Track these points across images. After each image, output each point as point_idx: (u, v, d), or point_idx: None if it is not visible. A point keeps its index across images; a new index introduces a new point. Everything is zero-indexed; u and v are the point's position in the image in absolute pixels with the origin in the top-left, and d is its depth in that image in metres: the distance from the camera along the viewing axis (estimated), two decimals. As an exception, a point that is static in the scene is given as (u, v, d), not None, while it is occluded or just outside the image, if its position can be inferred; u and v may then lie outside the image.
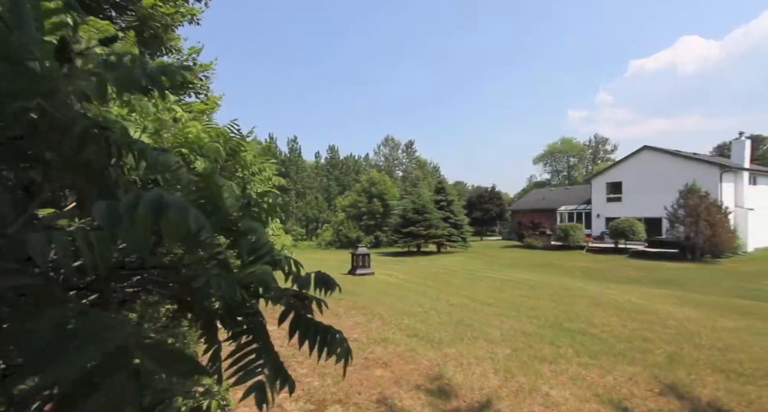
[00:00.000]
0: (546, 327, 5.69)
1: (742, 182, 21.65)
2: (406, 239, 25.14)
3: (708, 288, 11.61)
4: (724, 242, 17.30)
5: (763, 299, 9.98)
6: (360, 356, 4.04)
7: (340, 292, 1.15)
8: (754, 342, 4.87)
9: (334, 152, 70.98)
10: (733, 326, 5.74)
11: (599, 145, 59.63)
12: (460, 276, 12.23)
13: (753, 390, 3.41)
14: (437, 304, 7.49)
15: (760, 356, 4.35)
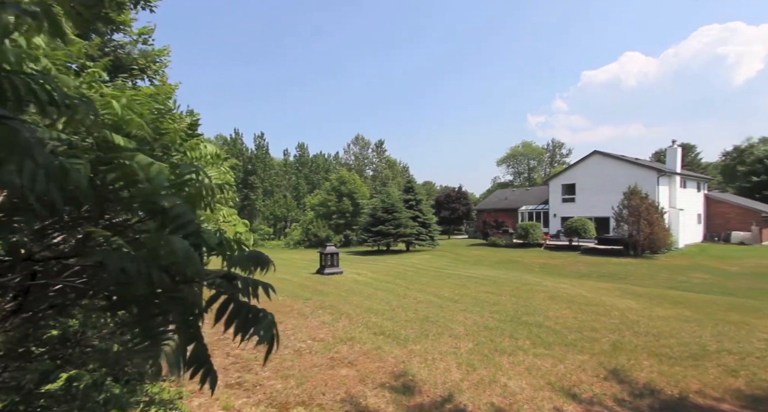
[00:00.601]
0: (506, 321, 5.98)
1: (675, 185, 24.04)
2: (376, 237, 25.24)
3: (646, 281, 12.78)
4: (661, 239, 19.07)
5: (690, 289, 11.15)
6: (325, 356, 4.02)
7: (275, 271, 1.14)
8: (681, 328, 5.44)
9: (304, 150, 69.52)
10: (666, 314, 6.38)
11: (556, 148, 63.42)
12: (427, 274, 12.49)
13: (680, 371, 3.82)
14: (404, 301, 7.61)
15: (686, 340, 4.87)
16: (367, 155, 65.34)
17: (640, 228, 18.91)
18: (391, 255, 23.15)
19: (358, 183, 43.51)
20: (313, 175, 68.52)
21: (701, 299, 7.86)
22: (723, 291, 10.82)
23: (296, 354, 4.09)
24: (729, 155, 42.38)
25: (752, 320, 6.00)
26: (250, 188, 52.04)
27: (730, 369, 3.85)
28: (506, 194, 37.71)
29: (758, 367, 3.94)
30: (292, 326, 5.36)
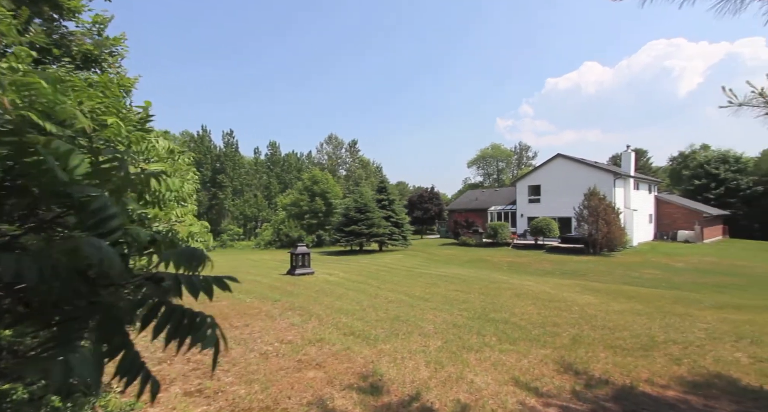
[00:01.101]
0: (474, 318, 6.11)
1: (629, 187, 25.77)
2: (349, 237, 25.06)
3: (604, 277, 13.59)
4: (617, 237, 20.37)
5: (642, 284, 11.98)
6: (293, 359, 3.90)
7: (212, 268, 1.06)
8: (634, 321, 5.81)
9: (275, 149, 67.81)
10: (620, 308, 6.80)
11: (523, 151, 66.11)
12: (399, 273, 12.55)
13: (632, 361, 4.06)
14: (376, 301, 7.59)
15: (638, 332, 5.20)
16: (340, 155, 64.80)
17: (599, 227, 20.09)
18: (363, 255, 23.07)
19: (331, 183, 43.04)
20: (285, 175, 67.05)
21: (651, 294, 8.46)
22: (670, 285, 11.73)
23: (262, 357, 3.94)
24: (675, 160, 46.08)
25: (694, 311, 6.52)
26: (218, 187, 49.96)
27: (675, 358, 4.15)
28: (476, 195, 38.76)
29: (698, 355, 4.27)
30: (260, 328, 5.17)
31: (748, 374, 3.71)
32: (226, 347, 0.92)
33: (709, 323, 5.69)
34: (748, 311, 6.54)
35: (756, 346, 4.59)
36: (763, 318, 5.97)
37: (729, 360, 4.10)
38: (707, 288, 11.38)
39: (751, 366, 3.94)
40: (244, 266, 15.34)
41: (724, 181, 37.62)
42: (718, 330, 5.27)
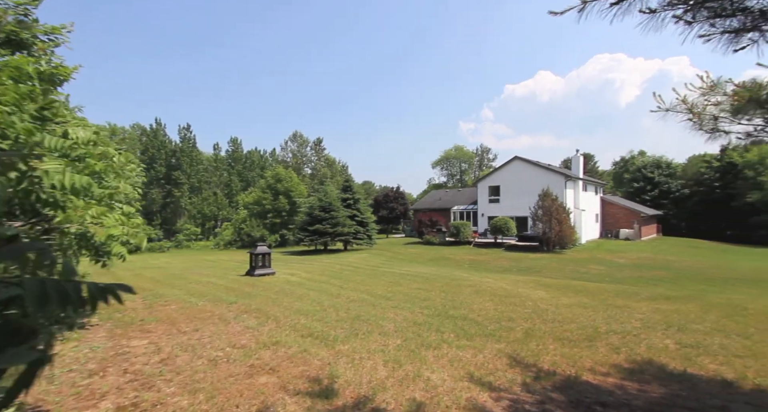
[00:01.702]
0: (434, 316, 6.19)
1: (578, 189, 27.71)
2: (313, 237, 24.56)
3: (556, 273, 14.47)
4: (568, 236, 21.83)
5: (589, 279, 12.91)
6: (244, 364, 3.68)
7: (85, 277, 0.93)
8: (580, 314, 6.20)
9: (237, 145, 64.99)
10: (569, 302, 7.24)
11: (484, 153, 68.81)
12: (362, 272, 12.48)
13: (577, 352, 4.31)
14: (337, 301, 7.45)
15: (584, 324, 5.55)
16: (305, 153, 63.38)
17: (552, 226, 21.37)
18: (328, 254, 22.72)
19: (295, 181, 41.98)
20: (247, 173, 64.56)
21: (596, 288, 9.11)
22: (613, 280, 12.75)
23: (210, 364, 3.68)
24: (618, 164, 50.29)
25: (632, 303, 7.11)
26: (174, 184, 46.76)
27: (615, 347, 4.47)
28: (440, 195, 39.67)
29: (634, 343, 4.63)
30: (211, 333, 4.85)
31: (674, 359, 4.07)
32: (50, 363, 0.77)
33: (644, 313, 6.22)
34: (676, 301, 7.25)
35: (682, 333, 5.07)
36: (688, 307, 6.63)
37: (660, 347, 4.49)
38: (644, 281, 12.51)
39: (678, 352, 4.34)
40: (199, 268, 14.45)
41: (658, 185, 41.65)
42: (651, 320, 5.77)
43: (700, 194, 38.58)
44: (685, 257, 19.63)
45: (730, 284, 11.93)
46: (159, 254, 28.90)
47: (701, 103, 2.66)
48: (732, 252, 24.29)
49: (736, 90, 2.53)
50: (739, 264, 17.18)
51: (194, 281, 10.08)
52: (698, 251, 24.18)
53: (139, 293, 8.06)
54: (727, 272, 14.22)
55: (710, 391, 3.35)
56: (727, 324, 5.45)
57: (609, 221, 31.82)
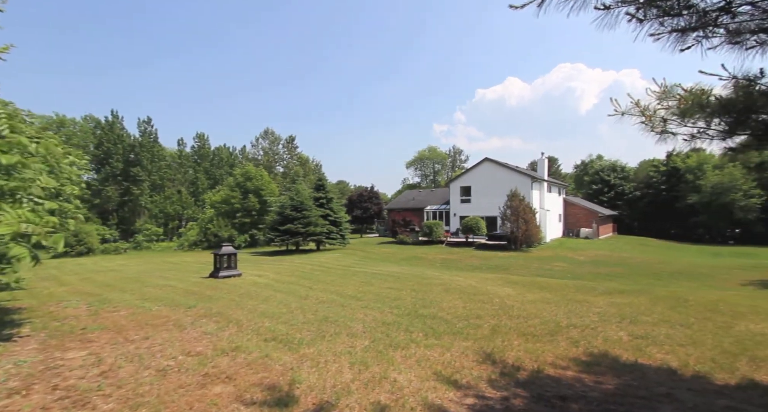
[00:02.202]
0: (404, 315, 6.17)
1: (543, 190, 28.98)
2: (284, 237, 23.93)
3: (523, 270, 15.02)
4: (534, 235, 22.75)
5: (552, 276, 13.49)
6: (198, 373, 3.44)
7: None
8: (544, 309, 6.42)
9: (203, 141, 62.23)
10: (534, 298, 7.49)
11: (456, 154, 70.39)
12: (334, 273, 12.28)
13: (540, 346, 4.43)
14: (305, 303, 7.25)
15: (547, 319, 5.74)
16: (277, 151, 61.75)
17: (519, 226, 22.17)
18: (299, 255, 22.23)
19: (266, 179, 40.78)
20: (215, 170, 62.03)
21: (559, 284, 9.51)
22: (574, 276, 13.41)
23: (159, 375, 3.40)
24: (579, 167, 53.13)
25: (590, 297, 7.47)
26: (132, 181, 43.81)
27: (574, 341, 4.64)
28: (414, 195, 40.05)
29: (592, 337, 4.84)
30: (163, 340, 4.51)
31: (627, 350, 4.29)
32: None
33: (601, 307, 6.54)
34: (628, 295, 7.71)
35: (633, 325, 5.38)
36: (639, 300, 7.06)
37: (614, 339, 4.71)
38: (601, 277, 13.28)
39: (630, 343, 4.58)
40: (159, 270, 13.59)
41: (614, 187, 44.44)
42: (607, 313, 6.08)
43: (649, 196, 41.63)
44: (637, 254, 21.08)
45: (674, 278, 12.93)
46: (114, 257, 26.94)
47: (653, 107, 2.80)
48: (675, 249, 26.42)
49: (683, 94, 2.68)
50: (681, 260, 18.69)
51: (151, 284, 9.44)
52: (648, 248, 26.07)
53: (84, 298, 7.41)
54: (671, 267, 15.41)
55: (658, 379, 3.54)
56: (671, 315, 5.85)
57: (571, 221, 33.54)
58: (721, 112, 2.50)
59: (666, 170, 40.54)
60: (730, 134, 2.62)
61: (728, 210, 31.09)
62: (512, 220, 22.57)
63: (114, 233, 38.09)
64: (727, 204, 30.83)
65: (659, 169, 41.49)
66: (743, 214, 30.29)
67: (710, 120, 2.62)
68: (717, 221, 33.59)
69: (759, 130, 2.57)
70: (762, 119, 2.75)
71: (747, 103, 2.65)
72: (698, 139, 2.72)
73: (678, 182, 38.62)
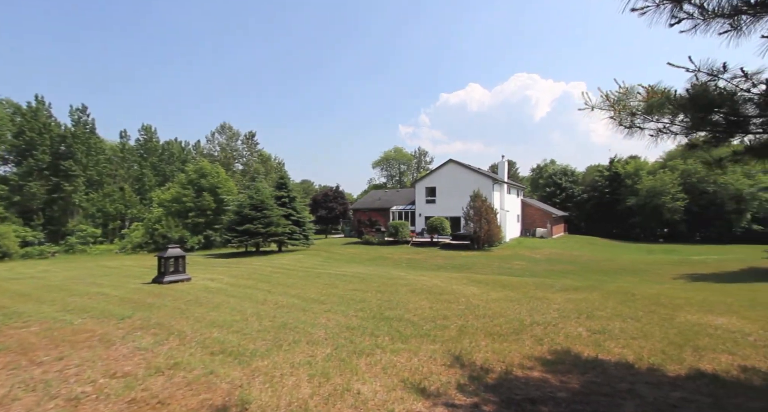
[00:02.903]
0: (369, 318, 5.88)
1: (503, 191, 30.20)
2: (242, 238, 22.63)
3: (485, 269, 15.39)
4: (495, 234, 23.55)
5: (512, 274, 13.93)
6: (121, 400, 2.88)
7: None
8: (508, 308, 6.46)
9: (150, 134, 57.63)
10: (498, 296, 7.55)
11: (422, 156, 71.56)
12: (296, 275, 11.68)
13: (506, 346, 4.36)
14: (262, 308, 6.70)
15: (511, 317, 5.75)
16: (235, 147, 58.69)
17: (482, 226, 22.82)
18: (259, 256, 21.14)
19: (222, 176, 38.54)
20: (164, 166, 57.82)
21: (519, 282, 9.75)
22: (532, 274, 13.94)
23: (69, 405, 2.79)
24: (535, 171, 56.31)
25: (549, 295, 7.68)
26: (63, 177, 39.19)
27: (538, 339, 4.63)
28: (380, 195, 39.92)
29: (554, 334, 4.87)
30: (80, 361, 3.81)
31: (587, 346, 4.35)
32: None
33: (560, 303, 6.72)
34: (583, 291, 8.05)
35: (590, 320, 5.53)
36: (592, 296, 7.38)
37: (575, 335, 4.78)
38: (556, 274, 13.94)
39: (589, 338, 4.66)
40: (91, 276, 12.10)
41: (565, 189, 47.56)
42: (566, 309, 6.23)
43: (595, 199, 45.10)
44: (586, 252, 22.59)
45: (619, 274, 13.92)
46: (38, 262, 23.87)
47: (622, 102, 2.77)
48: (618, 247, 28.76)
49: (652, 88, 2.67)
50: (623, 257, 20.29)
51: (79, 293, 8.29)
52: (595, 246, 28.12)
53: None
54: (615, 264, 16.63)
55: (618, 374, 3.58)
56: (622, 309, 6.13)
57: (528, 221, 35.30)
58: (686, 107, 2.50)
59: (609, 175, 44.14)
60: (693, 130, 2.65)
61: (659, 211, 34.48)
62: (475, 220, 23.19)
63: (39, 235, 33.79)
64: (659, 206, 34.19)
65: (603, 174, 45.07)
66: (671, 215, 33.75)
67: (674, 116, 2.63)
68: (650, 222, 37.16)
69: (718, 128, 2.61)
70: (717, 119, 2.83)
71: (705, 100, 2.70)
72: (664, 133, 2.74)
73: (619, 186, 42.21)
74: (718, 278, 11.72)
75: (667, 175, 34.43)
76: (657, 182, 34.65)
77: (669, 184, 33.75)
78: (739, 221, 33.00)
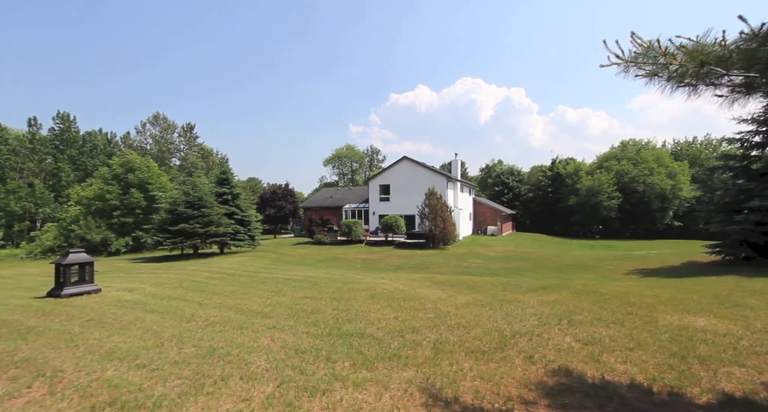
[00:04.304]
0: (324, 336, 4.83)
1: (457, 189, 30.60)
2: (176, 239, 19.95)
3: (444, 268, 14.98)
4: (451, 233, 23.56)
5: (471, 273, 13.66)
6: None
7: None
8: (481, 314, 5.80)
9: (68, 123, 50.29)
10: (466, 300, 6.91)
11: (374, 154, 71.13)
12: (237, 281, 10.13)
13: (494, 368, 3.61)
14: (187, 327, 5.30)
15: (488, 326, 5.07)
16: (171, 140, 53.08)
17: (437, 224, 22.65)
18: (198, 260, 18.77)
19: (154, 171, 34.48)
20: (86, 160, 50.96)
21: (484, 282, 9.30)
22: (490, 272, 13.79)
23: None
24: (483, 170, 58.62)
25: (519, 296, 7.23)
26: None
27: (528, 355, 3.96)
28: (332, 193, 38.45)
29: (542, 346, 4.25)
30: None
31: (585, 362, 3.76)
32: None
33: (534, 307, 6.24)
34: (551, 291, 7.75)
35: (573, 327, 5.05)
36: (563, 297, 7.06)
37: (565, 348, 4.20)
38: (514, 272, 13.95)
39: (582, 351, 4.10)
40: (-41, 291, 9.38)
41: (512, 189, 50.07)
42: (543, 314, 5.74)
43: (539, 197, 48.11)
44: (536, 249, 23.53)
45: (573, 271, 14.35)
46: None
47: (671, 51, 2.09)
48: (563, 244, 30.65)
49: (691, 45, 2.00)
50: (571, 253, 21.40)
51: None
52: (542, 243, 29.64)
53: None
54: (566, 260, 17.30)
55: (642, 406, 2.84)
56: (599, 312, 5.79)
57: (479, 219, 36.32)
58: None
59: (551, 175, 47.31)
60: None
61: (597, 210, 37.58)
62: (430, 218, 22.95)
63: None
64: (596, 204, 37.25)
65: (546, 174, 48.21)
66: (607, 212, 36.95)
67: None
68: (589, 219, 40.43)
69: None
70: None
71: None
72: (739, 93, 2.11)
73: (560, 186, 45.41)
74: (666, 272, 12.45)
75: (603, 176, 37.59)
76: (595, 182, 37.70)
77: (605, 184, 36.88)
78: (664, 218, 37.14)
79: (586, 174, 40.76)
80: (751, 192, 12.25)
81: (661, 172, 35.81)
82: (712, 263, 13.76)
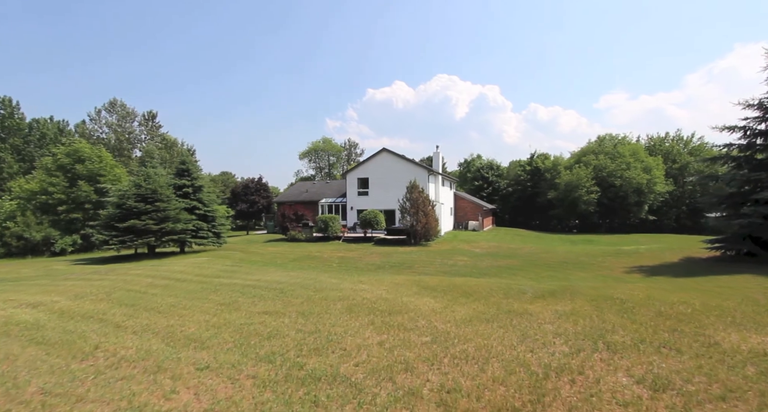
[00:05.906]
0: (277, 382, 3.30)
1: (438, 183, 29.48)
2: (126, 237, 17.53)
3: (428, 268, 13.67)
4: (433, 228, 22.36)
5: (458, 272, 12.41)
6: None
7: None
8: (491, 336, 4.46)
9: (10, 109, 45.39)
10: (466, 314, 5.57)
11: (352, 148, 69.10)
12: (183, 289, 8.31)
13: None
14: (74, 371, 3.61)
15: (509, 359, 3.72)
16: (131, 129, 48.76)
17: (419, 219, 21.35)
18: (151, 260, 16.53)
19: (107, 162, 31.21)
20: (33, 150, 46.21)
21: (479, 286, 8.00)
22: (480, 272, 12.60)
23: None
24: (462, 165, 58.16)
25: (528, 306, 5.98)
26: None
27: (585, 416, 2.60)
28: (307, 187, 36.37)
29: (600, 400, 2.93)
30: None
31: (676, 428, 2.46)
32: None
33: (551, 322, 4.98)
34: (560, 298, 6.56)
35: (614, 354, 3.78)
36: (579, 306, 5.87)
37: (630, 399, 2.89)
38: (504, 271, 12.84)
39: (656, 406, 2.81)
40: None
41: (492, 183, 49.80)
42: (567, 333, 4.48)
43: (518, 192, 48.12)
44: (520, 244, 22.79)
45: (566, 269, 13.44)
46: None
47: None
48: (544, 238, 30.31)
49: None
50: (557, 249, 20.76)
51: None
52: (525, 238, 29.14)
53: None
54: (555, 257, 16.49)
55: None
56: (637, 330, 4.59)
57: (460, 214, 35.51)
58: None
59: (530, 169, 47.35)
60: None
61: (576, 204, 37.74)
62: (412, 213, 21.64)
63: None
64: (575, 199, 37.37)
65: (525, 169, 48.22)
66: (585, 207, 37.17)
67: None
68: (568, 214, 40.66)
69: None
70: None
71: None
72: None
73: (539, 180, 45.50)
74: (669, 271, 11.69)
75: (582, 170, 37.72)
76: (574, 177, 37.77)
77: (584, 179, 37.00)
78: (640, 212, 37.81)
79: (565, 169, 40.89)
80: (763, 183, 11.51)
81: (637, 167, 36.33)
82: (712, 259, 13.23)
